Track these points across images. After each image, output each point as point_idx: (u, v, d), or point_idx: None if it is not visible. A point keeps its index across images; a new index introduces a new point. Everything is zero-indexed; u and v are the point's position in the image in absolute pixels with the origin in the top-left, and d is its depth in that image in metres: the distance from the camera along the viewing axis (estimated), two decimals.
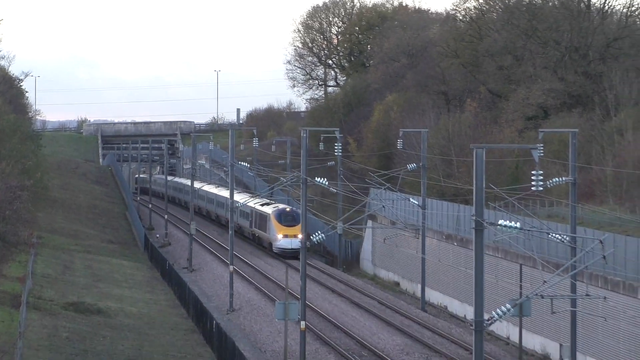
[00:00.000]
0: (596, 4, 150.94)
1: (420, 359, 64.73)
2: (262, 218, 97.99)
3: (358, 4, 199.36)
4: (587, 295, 56.73)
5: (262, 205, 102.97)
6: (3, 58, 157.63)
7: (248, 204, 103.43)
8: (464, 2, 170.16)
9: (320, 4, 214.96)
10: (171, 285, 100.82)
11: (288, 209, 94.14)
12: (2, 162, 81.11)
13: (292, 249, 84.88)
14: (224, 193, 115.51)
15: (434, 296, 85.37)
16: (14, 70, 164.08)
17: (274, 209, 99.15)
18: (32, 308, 68.60)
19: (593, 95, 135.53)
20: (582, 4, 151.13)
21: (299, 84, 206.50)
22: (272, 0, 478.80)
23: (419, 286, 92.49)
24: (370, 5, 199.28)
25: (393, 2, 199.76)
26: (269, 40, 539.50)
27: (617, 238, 68.46)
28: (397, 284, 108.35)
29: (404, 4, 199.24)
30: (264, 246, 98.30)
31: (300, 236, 72.64)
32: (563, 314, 61.37)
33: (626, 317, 59.94)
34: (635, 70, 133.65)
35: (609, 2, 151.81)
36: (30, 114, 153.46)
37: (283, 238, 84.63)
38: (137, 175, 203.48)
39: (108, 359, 62.19)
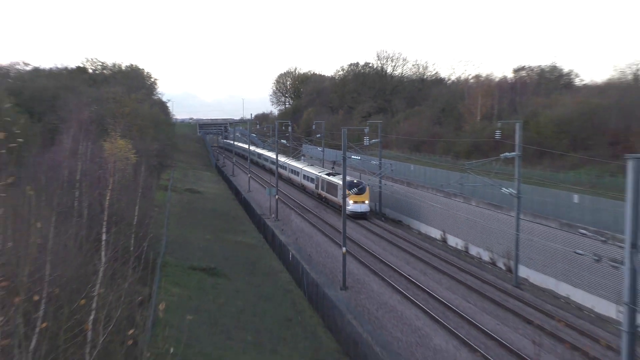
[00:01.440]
0: (389, 72, 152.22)
1: (316, 207, 64.72)
2: (333, 186, 67.56)
3: (297, 72, 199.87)
4: (387, 184, 57.60)
5: (329, 175, 71.47)
6: (162, 95, 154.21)
7: (314, 172, 75.88)
8: (338, 72, 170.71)
9: (283, 72, 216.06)
10: (226, 182, 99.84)
11: (356, 181, 65.74)
12: (160, 134, 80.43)
13: (361, 212, 61.35)
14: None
15: None
16: (164, 98, 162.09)
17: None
18: (172, 191, 68.37)
19: (387, 108, 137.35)
20: (384, 72, 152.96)
21: (274, 104, 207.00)
22: (266, 67, 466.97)
23: None
24: (302, 72, 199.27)
25: (312, 71, 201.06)
26: (265, 83, 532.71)
27: (397, 164, 69.21)
28: None
29: (316, 72, 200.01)
30: (332, 206, 68.05)
31: (367, 202, 62.25)
32: (377, 191, 62.34)
33: (402, 192, 60.41)
34: (404, 99, 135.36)
35: (395, 71, 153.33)
36: (170, 116, 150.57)
37: (354, 204, 60.87)
38: (219, 140, 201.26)
39: (202, 209, 62.17)
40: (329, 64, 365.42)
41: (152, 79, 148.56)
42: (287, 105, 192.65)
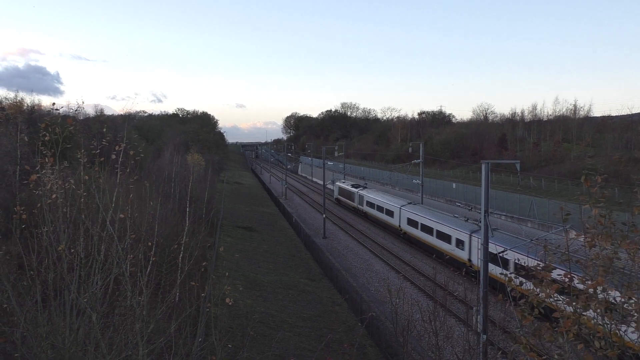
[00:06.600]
0: (348, 114, 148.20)
1: (310, 192, 64.13)
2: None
3: (296, 115, 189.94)
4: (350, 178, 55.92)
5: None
6: (220, 128, 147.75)
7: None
8: (320, 115, 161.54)
9: (288, 114, 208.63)
10: (257, 178, 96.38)
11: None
12: (219, 151, 78.52)
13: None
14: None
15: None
16: (221, 130, 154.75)
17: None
18: (226, 183, 66.61)
19: (347, 135, 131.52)
20: (345, 114, 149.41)
21: (284, 133, 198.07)
22: (279, 110, 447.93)
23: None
24: (300, 114, 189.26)
25: (307, 114, 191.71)
26: (278, 120, 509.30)
27: (354, 167, 68.08)
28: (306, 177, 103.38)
29: (307, 114, 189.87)
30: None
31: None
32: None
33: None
34: (357, 130, 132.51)
35: (351, 114, 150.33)
36: (224, 140, 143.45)
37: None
38: (256, 155, 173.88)
39: (243, 193, 60.95)
40: (315, 108, 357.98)
41: (215, 119, 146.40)
42: (291, 134, 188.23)
